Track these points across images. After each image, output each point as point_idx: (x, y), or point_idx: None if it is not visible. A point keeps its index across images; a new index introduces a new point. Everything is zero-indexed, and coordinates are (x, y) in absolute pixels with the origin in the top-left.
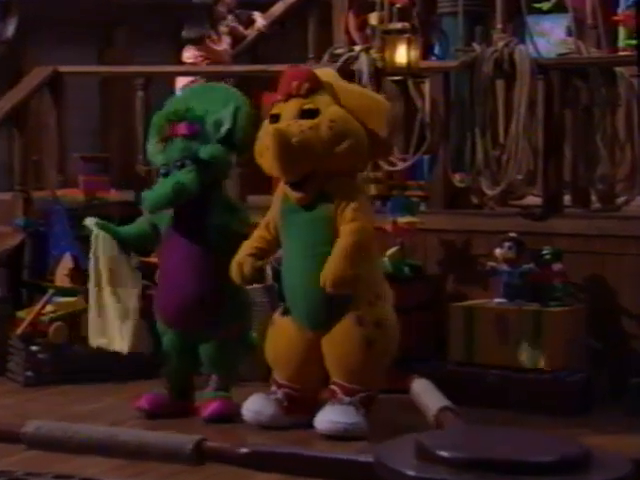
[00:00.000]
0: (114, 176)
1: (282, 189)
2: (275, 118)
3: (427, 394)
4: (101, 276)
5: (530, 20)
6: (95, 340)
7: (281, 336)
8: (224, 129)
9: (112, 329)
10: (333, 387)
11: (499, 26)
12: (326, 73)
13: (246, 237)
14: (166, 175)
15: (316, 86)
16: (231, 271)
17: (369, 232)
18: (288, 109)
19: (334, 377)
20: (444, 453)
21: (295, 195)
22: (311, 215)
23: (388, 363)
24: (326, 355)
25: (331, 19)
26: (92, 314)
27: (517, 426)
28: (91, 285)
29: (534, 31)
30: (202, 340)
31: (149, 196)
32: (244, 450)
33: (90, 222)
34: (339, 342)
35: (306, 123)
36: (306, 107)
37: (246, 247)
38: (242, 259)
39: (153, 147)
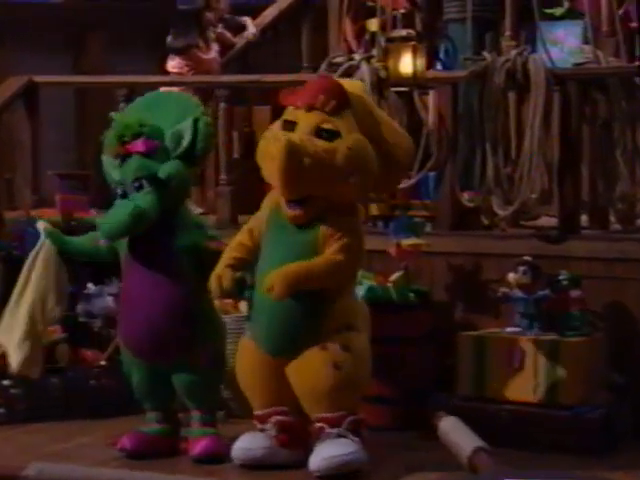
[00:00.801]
0: (93, 195)
1: (275, 199)
2: (290, 125)
3: (457, 433)
4: (28, 284)
5: (542, 27)
6: (1, 338)
7: (245, 358)
8: (185, 143)
9: (15, 339)
10: (318, 424)
11: (507, 33)
12: (355, 86)
13: (218, 254)
14: (123, 196)
15: (344, 105)
16: (210, 285)
17: (341, 272)
18: (306, 121)
19: (313, 412)
20: None
21: (290, 212)
22: (300, 237)
23: (361, 388)
24: (294, 386)
25: (326, 25)
26: (8, 312)
27: (536, 467)
28: (18, 287)
29: (546, 38)
30: (174, 369)
31: (105, 223)
32: None
33: (41, 226)
34: (305, 370)
35: (322, 144)
36: (326, 126)
37: (225, 258)
38: (221, 271)
39: (108, 162)
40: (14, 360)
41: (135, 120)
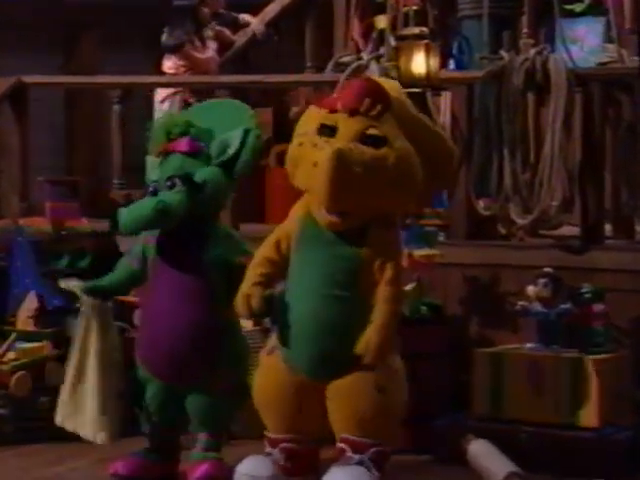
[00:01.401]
0: (84, 202)
1: (306, 208)
2: (328, 130)
3: (488, 457)
4: (87, 353)
5: (562, 24)
6: (63, 420)
7: (270, 379)
8: (230, 152)
9: (85, 414)
10: (341, 445)
11: (525, 30)
12: (392, 87)
13: (245, 269)
14: (154, 194)
15: (388, 108)
16: (236, 304)
17: (401, 301)
18: (349, 127)
19: (342, 432)
20: None
21: (328, 218)
22: (338, 250)
23: (400, 415)
24: (331, 404)
25: (330, 22)
26: (66, 391)
27: None
28: (73, 359)
29: (566, 36)
30: (192, 392)
31: (126, 215)
32: None
33: (72, 286)
34: (346, 389)
35: (370, 152)
36: (372, 132)
37: (251, 275)
38: (249, 290)
39: (150, 161)
40: (100, 435)
41: (184, 119)
